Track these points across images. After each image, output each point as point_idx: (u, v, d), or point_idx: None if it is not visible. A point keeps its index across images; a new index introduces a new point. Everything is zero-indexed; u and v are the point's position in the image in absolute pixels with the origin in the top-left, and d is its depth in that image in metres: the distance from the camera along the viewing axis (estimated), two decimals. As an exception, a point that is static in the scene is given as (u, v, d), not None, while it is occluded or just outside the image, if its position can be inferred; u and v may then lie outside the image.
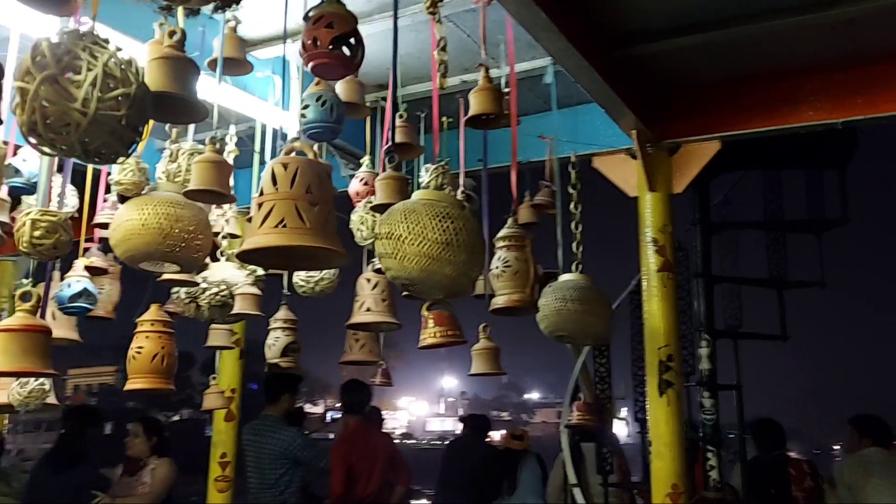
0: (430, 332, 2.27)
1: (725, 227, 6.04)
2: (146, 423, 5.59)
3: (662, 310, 4.19)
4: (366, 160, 3.57)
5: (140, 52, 2.48)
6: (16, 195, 3.13)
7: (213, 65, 2.70)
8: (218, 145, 2.26)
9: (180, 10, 2.31)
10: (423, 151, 3.13)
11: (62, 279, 3.24)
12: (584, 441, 6.03)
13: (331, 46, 1.97)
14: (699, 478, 5.22)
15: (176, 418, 29.62)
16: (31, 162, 3.09)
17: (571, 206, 3.53)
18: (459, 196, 3.63)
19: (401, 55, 3.76)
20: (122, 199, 2.61)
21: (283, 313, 3.37)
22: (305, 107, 2.40)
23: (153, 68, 1.92)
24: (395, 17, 2.67)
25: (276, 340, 3.32)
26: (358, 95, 2.85)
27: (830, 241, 5.82)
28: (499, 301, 2.73)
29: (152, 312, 2.63)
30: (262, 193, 2.12)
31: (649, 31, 3.68)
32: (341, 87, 2.87)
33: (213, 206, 3.06)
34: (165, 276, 3.17)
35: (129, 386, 2.53)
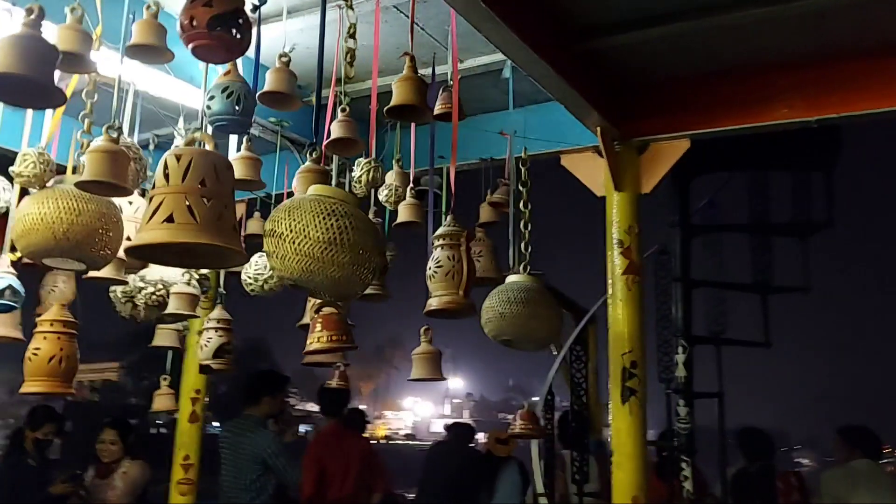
0: (316, 337, 2.13)
1: (708, 230, 5.86)
2: (120, 427, 5.50)
3: (627, 314, 4.02)
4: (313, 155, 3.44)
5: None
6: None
7: (133, 52, 2.56)
8: (115, 134, 2.12)
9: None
10: (363, 147, 2.98)
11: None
12: (566, 449, 5.90)
13: (218, 28, 1.82)
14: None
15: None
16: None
17: (521, 204, 3.38)
18: (409, 193, 3.53)
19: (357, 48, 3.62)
20: (24, 192, 2.48)
21: (217, 313, 3.25)
22: (211, 98, 2.27)
23: (3, 47, 1.79)
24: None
25: (208, 341, 3.20)
26: (288, 86, 2.71)
27: (815, 244, 5.64)
28: (431, 303, 2.59)
29: (53, 312, 2.49)
30: (153, 186, 2.00)
31: (609, 24, 3.52)
32: (270, 77, 2.74)
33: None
34: (92, 275, 3.06)
35: (24, 389, 2.40)
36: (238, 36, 1.90)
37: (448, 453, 7.20)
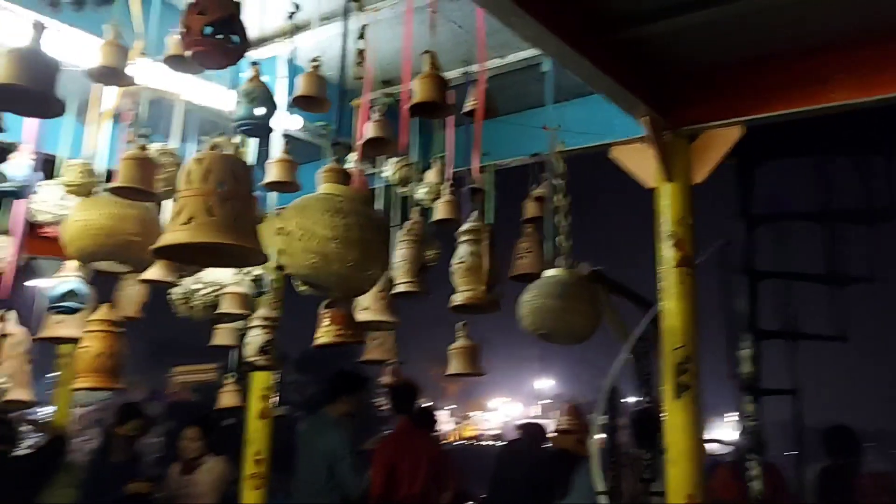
0: (324, 331, 2.19)
1: (774, 219, 5.62)
2: (203, 425, 5.73)
3: (679, 308, 3.92)
4: (351, 156, 3.52)
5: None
6: (6, 197, 3.26)
7: (171, 63, 2.70)
8: (144, 143, 2.25)
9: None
10: (396, 147, 3.04)
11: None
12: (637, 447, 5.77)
13: (220, 35, 1.91)
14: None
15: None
16: (17, 167, 3.22)
17: (558, 197, 3.36)
18: (447, 190, 3.56)
19: (389, 50, 3.69)
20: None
21: (262, 311, 3.37)
22: (236, 104, 2.37)
23: (7, 61, 1.94)
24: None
25: (253, 338, 3.32)
26: (318, 89, 2.79)
27: (886, 231, 5.33)
28: (454, 298, 2.61)
29: (102, 312, 2.66)
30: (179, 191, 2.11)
31: (646, 12, 3.45)
32: (301, 81, 2.84)
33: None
34: (146, 276, 3.24)
35: (76, 385, 2.57)
36: (234, 41, 1.98)
37: (520, 452, 7.16)
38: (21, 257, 3.85)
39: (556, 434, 6.80)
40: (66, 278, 3.31)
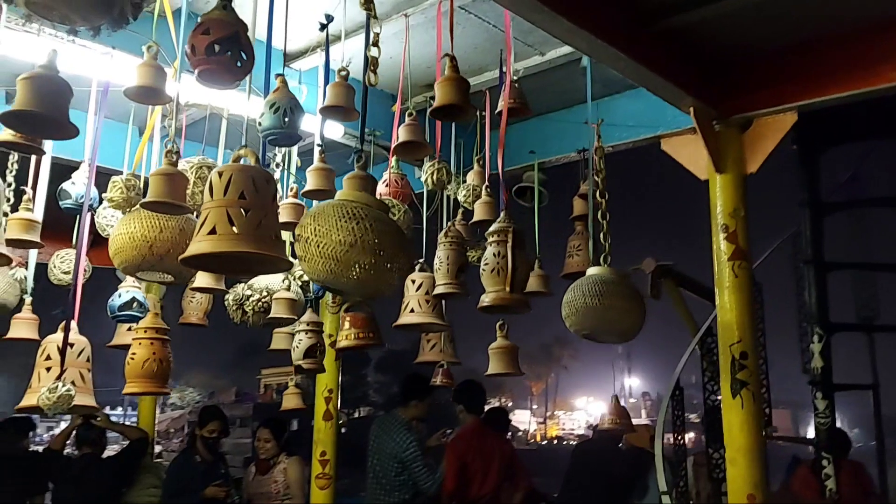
0: (344, 334, 2.23)
1: (841, 207, 5.36)
2: (272, 426, 5.91)
3: (734, 302, 3.81)
4: (392, 161, 3.58)
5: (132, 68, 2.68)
6: (70, 214, 3.46)
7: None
8: (174, 158, 2.36)
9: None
10: (429, 150, 3.07)
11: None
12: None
13: (227, 53, 1.98)
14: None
15: (356, 416, 31.13)
16: (79, 184, 3.42)
17: (597, 194, 3.31)
18: (485, 191, 3.56)
19: (423, 55, 3.73)
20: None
21: (307, 316, 3.46)
22: (262, 115, 2.45)
23: (21, 87, 2.06)
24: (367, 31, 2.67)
25: (299, 343, 3.41)
26: (346, 99, 2.85)
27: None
28: (483, 299, 2.62)
29: (147, 320, 2.79)
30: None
31: (681, 1, 3.36)
32: (330, 91, 2.90)
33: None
34: (197, 285, 3.38)
35: (125, 390, 2.71)
36: (239, 58, 2.05)
37: (594, 451, 7.05)
38: (88, 270, 4.09)
39: (630, 432, 6.69)
40: (129, 288, 3.49)
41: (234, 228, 2.07)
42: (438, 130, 3.14)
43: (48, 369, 3.06)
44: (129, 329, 3.60)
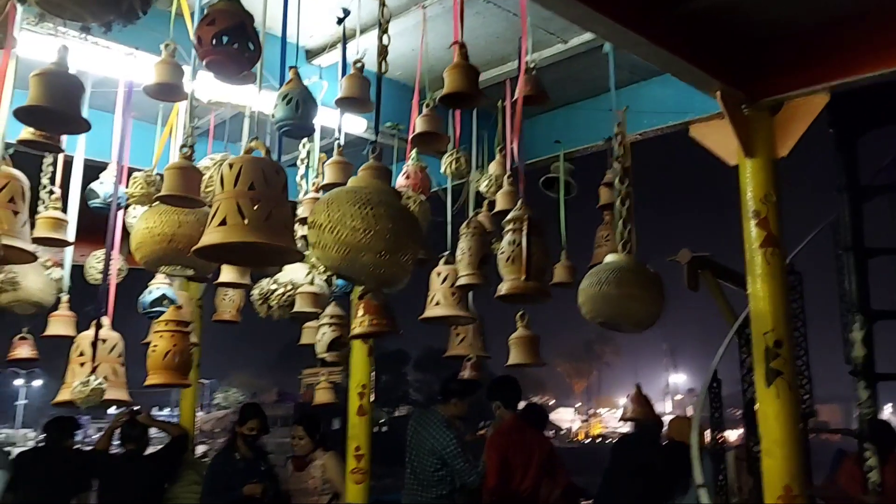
0: (358, 321, 2.22)
1: (883, 191, 5.18)
2: (306, 423, 5.96)
3: (767, 290, 3.71)
4: (413, 153, 3.57)
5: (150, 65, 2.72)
6: (98, 215, 3.53)
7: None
8: (188, 152, 2.39)
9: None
10: (448, 141, 3.05)
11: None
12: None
13: (234, 44, 1.99)
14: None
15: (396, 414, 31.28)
16: (107, 184, 3.48)
17: (616, 181, 3.26)
18: (506, 181, 3.53)
19: (444, 46, 3.70)
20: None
21: (331, 309, 3.47)
22: (275, 106, 2.47)
23: (33, 83, 2.09)
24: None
25: (322, 336, 3.42)
26: (361, 90, 2.85)
27: None
28: (500, 288, 2.59)
29: (169, 313, 2.83)
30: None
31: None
32: (345, 83, 2.91)
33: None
34: (222, 280, 3.42)
35: (147, 381, 2.75)
36: (246, 49, 2.06)
37: (637, 445, 6.95)
38: (124, 270, 4.17)
39: (671, 425, 6.58)
40: (159, 285, 3.55)
41: (245, 220, 2.08)
42: (458, 119, 3.13)
43: (82, 365, 3.13)
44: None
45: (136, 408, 5.69)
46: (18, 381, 40.33)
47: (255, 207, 2.09)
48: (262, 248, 2.15)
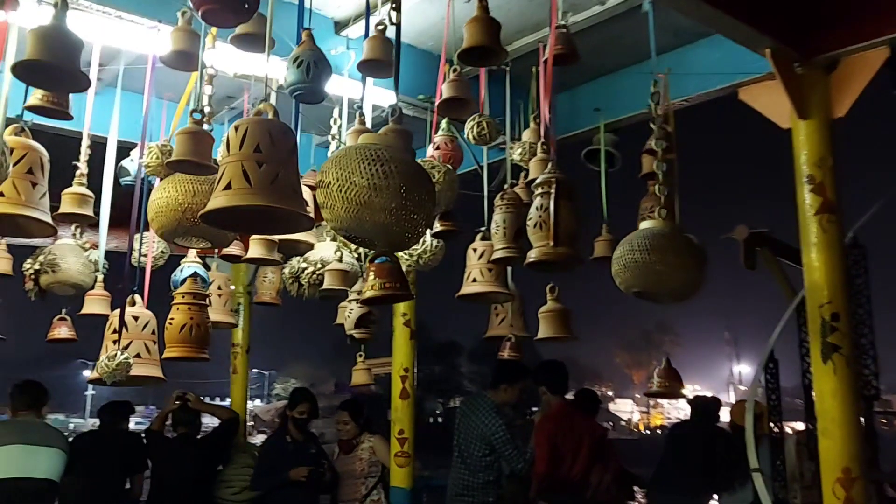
0: (370, 285, 2.11)
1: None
2: (350, 408, 5.96)
3: (823, 260, 3.48)
4: (443, 124, 3.45)
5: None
6: (127, 191, 3.51)
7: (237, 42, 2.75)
8: (200, 116, 2.32)
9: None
10: (475, 107, 2.92)
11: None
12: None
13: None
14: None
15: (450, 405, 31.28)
16: (137, 161, 3.47)
17: (654, 142, 3.07)
18: (540, 149, 3.37)
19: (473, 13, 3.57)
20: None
21: (359, 286, 3.39)
22: (287, 69, 2.38)
23: (30, 39, 2.03)
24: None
25: (351, 312, 3.34)
26: (383, 52, 2.74)
27: None
28: (529, 255, 2.44)
29: (186, 286, 2.78)
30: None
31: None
32: (367, 45, 2.80)
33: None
34: (249, 256, 3.37)
35: (165, 355, 2.71)
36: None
37: (692, 434, 6.71)
38: (167, 252, 4.18)
39: (733, 410, 6.31)
40: (191, 263, 3.52)
41: (250, 182, 1.99)
42: (482, 82, 2.99)
43: (115, 342, 3.11)
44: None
45: (185, 393, 5.79)
46: (87, 372, 41.89)
47: (261, 170, 2.00)
48: (268, 212, 2.07)
